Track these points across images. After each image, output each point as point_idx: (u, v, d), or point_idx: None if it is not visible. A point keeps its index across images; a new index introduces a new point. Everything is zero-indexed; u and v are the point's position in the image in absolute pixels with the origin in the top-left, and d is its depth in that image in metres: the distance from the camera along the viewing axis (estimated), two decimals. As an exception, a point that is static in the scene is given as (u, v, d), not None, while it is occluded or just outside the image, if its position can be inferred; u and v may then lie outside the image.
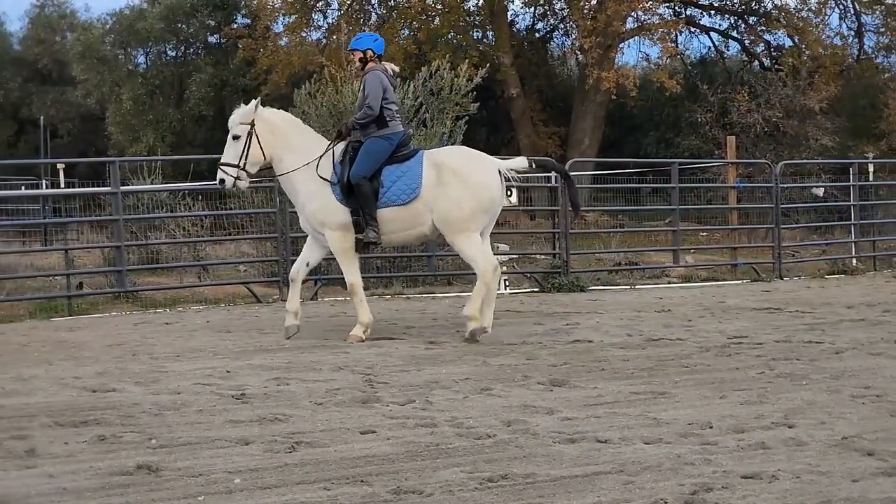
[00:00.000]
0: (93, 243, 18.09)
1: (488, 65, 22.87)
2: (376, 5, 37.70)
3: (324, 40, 37.11)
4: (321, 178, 11.28)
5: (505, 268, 18.08)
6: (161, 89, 38.81)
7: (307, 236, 12.00)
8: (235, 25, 39.06)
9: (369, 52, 11.67)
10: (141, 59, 40.99)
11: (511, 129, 36.95)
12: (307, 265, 11.77)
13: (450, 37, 35.91)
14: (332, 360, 10.02)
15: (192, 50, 40.53)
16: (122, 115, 38.23)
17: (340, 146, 11.46)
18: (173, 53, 40.62)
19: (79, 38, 39.92)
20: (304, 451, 6.58)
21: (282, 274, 15.63)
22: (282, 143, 11.46)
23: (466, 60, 21.27)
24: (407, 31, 36.28)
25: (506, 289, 16.67)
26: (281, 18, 37.62)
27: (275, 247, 16.35)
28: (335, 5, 37.66)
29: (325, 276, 16.39)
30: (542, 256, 19.33)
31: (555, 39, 41.07)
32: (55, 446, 6.65)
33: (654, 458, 6.40)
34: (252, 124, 11.33)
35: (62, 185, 24.85)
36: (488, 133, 37.22)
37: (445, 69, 19.57)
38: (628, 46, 38.31)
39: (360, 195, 11.18)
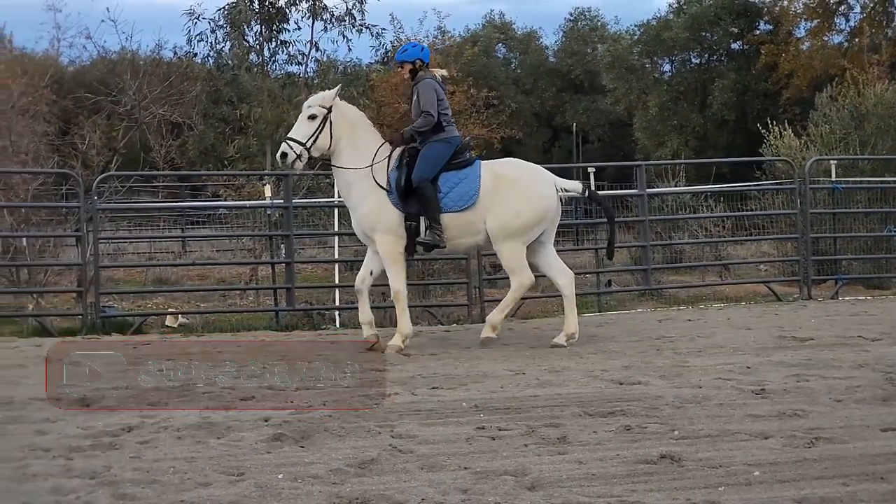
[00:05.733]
0: (620, 243, 18.97)
1: None
2: (901, 7, 36.63)
3: (846, 43, 36.54)
4: (377, 182, 11.06)
5: None
6: (685, 95, 39.85)
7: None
8: (758, 32, 39.43)
9: (418, 63, 11.37)
10: (666, 67, 42.41)
11: None
12: (371, 273, 11.41)
13: None
14: (852, 357, 9.93)
15: (714, 57, 41.25)
16: (647, 121, 39.78)
17: (397, 153, 11.22)
18: (697, 61, 41.51)
19: (608, 49, 41.92)
20: (822, 446, 6.63)
21: (802, 273, 15.95)
22: (349, 138, 11.19)
23: None
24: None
25: None
26: (803, 23, 37.49)
27: (795, 247, 16.51)
28: (857, 8, 36.98)
29: (846, 276, 16.49)
30: None
31: None
32: (584, 434, 7.01)
33: None
34: (329, 110, 11.13)
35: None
36: None
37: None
38: None
39: (423, 198, 10.95)
